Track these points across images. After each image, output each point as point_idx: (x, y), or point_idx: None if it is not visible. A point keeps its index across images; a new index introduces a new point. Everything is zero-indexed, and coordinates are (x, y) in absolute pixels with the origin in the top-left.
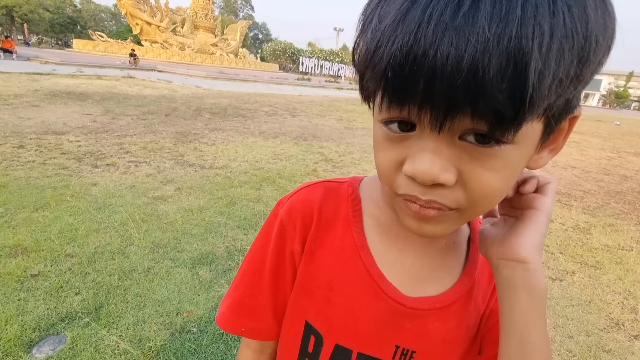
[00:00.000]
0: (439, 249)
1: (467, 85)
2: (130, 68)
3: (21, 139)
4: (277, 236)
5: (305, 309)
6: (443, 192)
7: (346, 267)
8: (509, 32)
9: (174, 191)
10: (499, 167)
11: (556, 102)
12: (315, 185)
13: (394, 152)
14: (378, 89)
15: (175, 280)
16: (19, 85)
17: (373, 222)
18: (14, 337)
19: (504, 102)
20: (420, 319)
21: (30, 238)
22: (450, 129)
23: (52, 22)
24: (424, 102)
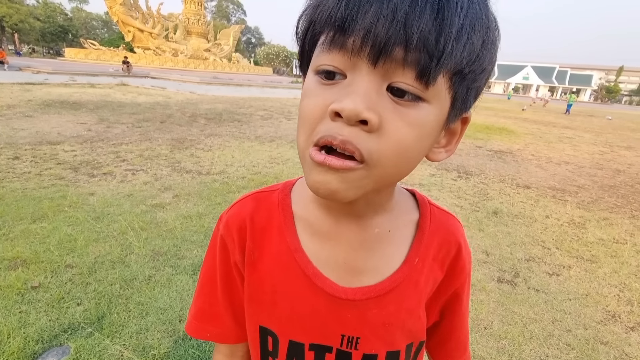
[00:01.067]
0: (372, 240)
1: (405, 22)
2: (123, 75)
3: (16, 150)
4: (220, 250)
5: (256, 315)
6: (361, 135)
7: (284, 270)
8: (437, 3)
9: (172, 198)
10: (415, 124)
11: (462, 79)
12: (247, 197)
13: (323, 97)
14: (324, 32)
15: (177, 288)
16: (11, 95)
17: (304, 224)
18: (17, 350)
19: (431, 45)
20: (358, 308)
21: (29, 250)
22: (383, 69)
23: (43, 31)
24: (366, 36)
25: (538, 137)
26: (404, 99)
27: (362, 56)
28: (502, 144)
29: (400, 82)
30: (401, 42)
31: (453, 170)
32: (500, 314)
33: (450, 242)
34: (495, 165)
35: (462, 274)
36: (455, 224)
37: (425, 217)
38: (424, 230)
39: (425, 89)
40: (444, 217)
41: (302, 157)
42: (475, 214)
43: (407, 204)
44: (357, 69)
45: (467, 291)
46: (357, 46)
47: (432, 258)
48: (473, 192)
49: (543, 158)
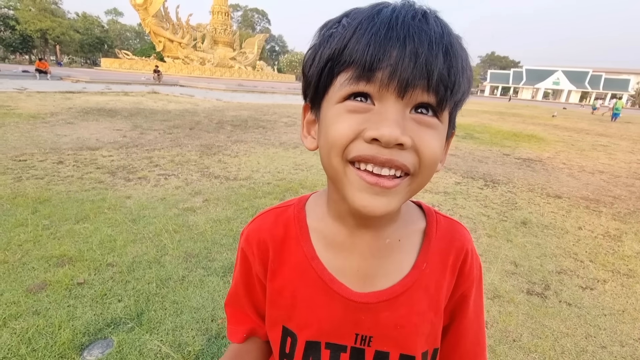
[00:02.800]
0: (384, 249)
1: (426, 62)
2: (154, 84)
3: (60, 155)
4: (242, 262)
5: (280, 318)
6: (402, 153)
7: (303, 277)
8: (447, 36)
9: (202, 202)
10: (437, 137)
11: (455, 105)
12: (265, 213)
13: (355, 121)
14: (347, 69)
15: (209, 288)
16: (54, 103)
17: (319, 236)
18: (67, 341)
19: (446, 79)
20: (371, 310)
21: (74, 248)
22: (410, 99)
23: (81, 43)
24: (393, 73)
25: (570, 144)
26: (428, 116)
27: (390, 89)
28: (531, 152)
29: (424, 104)
30: (424, 78)
31: (479, 179)
32: (530, 327)
33: (458, 248)
34: (523, 174)
35: (469, 278)
36: (462, 231)
37: (432, 225)
38: (431, 238)
39: (441, 113)
40: (450, 225)
41: (339, 178)
42: (503, 224)
43: (414, 214)
44: (384, 99)
45: (477, 297)
46: (385, 80)
47: (442, 264)
48: (500, 201)
49: (575, 167)
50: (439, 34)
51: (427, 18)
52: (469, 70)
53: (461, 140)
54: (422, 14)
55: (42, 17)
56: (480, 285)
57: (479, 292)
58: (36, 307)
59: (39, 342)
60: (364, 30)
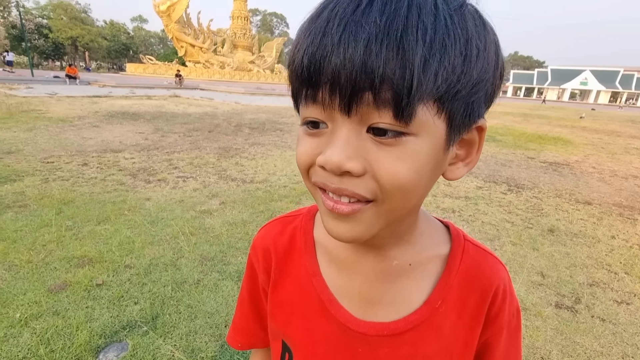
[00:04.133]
0: (390, 272)
1: (365, 68)
2: (176, 88)
3: (85, 157)
4: (248, 270)
5: (277, 331)
6: (354, 181)
7: (302, 292)
8: (396, 24)
9: (218, 205)
10: (405, 157)
11: (451, 98)
12: (273, 222)
13: (309, 146)
14: (300, 88)
15: (223, 293)
16: (81, 107)
17: (323, 250)
18: (84, 343)
19: (398, 84)
20: (369, 343)
21: (95, 249)
22: (358, 116)
23: (108, 49)
24: (332, 89)
25: (600, 147)
26: (387, 137)
27: (334, 107)
28: (558, 155)
29: (379, 123)
30: (367, 88)
31: (502, 183)
32: (560, 344)
33: (485, 285)
34: (550, 179)
35: (495, 323)
36: (495, 265)
37: (456, 253)
38: (452, 269)
39: (406, 124)
40: (481, 256)
41: (313, 197)
42: (529, 231)
43: (436, 236)
44: (333, 119)
45: (509, 350)
46: (326, 99)
47: (462, 303)
48: (525, 207)
49: (606, 171)
50: (383, 24)
51: (373, 3)
52: (460, 48)
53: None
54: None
55: (72, 25)
56: (516, 333)
57: (512, 341)
58: (56, 308)
59: (57, 343)
60: (304, 37)
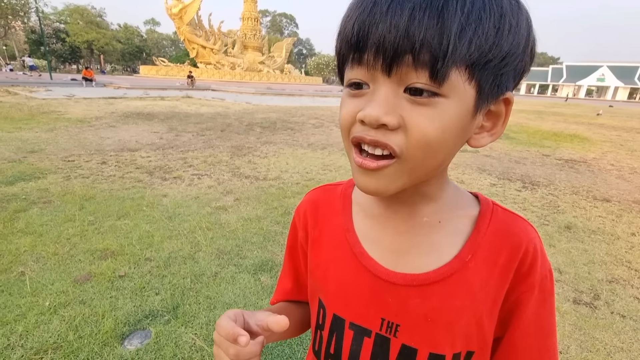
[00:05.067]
0: (420, 227)
1: (407, 33)
2: (188, 89)
3: (103, 156)
4: (292, 229)
5: (315, 288)
6: (387, 133)
7: (336, 248)
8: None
9: (233, 201)
10: (434, 117)
11: (482, 67)
12: (318, 188)
13: (352, 106)
14: (348, 52)
15: (240, 285)
16: (98, 108)
17: (359, 208)
18: (110, 330)
19: (435, 48)
20: (399, 293)
21: (116, 243)
22: (397, 76)
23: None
24: (377, 51)
25: (618, 144)
26: (422, 97)
27: (377, 68)
28: (574, 152)
29: (416, 83)
30: (407, 51)
31: (517, 180)
32: (578, 339)
33: (515, 243)
34: (566, 176)
35: (526, 281)
36: (525, 227)
37: (485, 214)
38: (481, 227)
39: (439, 86)
40: (511, 218)
41: (349, 158)
42: (545, 228)
43: (464, 199)
44: (375, 80)
45: (541, 308)
46: (371, 60)
47: (491, 260)
48: (541, 204)
49: (625, 168)
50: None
51: None
52: (493, 22)
53: (496, 141)
54: None
55: (88, 29)
56: (549, 296)
57: (546, 304)
58: (82, 297)
59: (85, 330)
60: (355, 8)
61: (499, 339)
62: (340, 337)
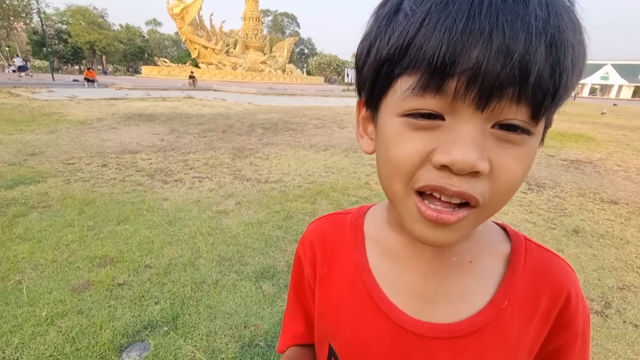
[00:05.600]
0: (448, 269)
1: (521, 63)
2: (189, 89)
3: (104, 159)
4: (295, 263)
5: (325, 333)
6: (472, 182)
7: (350, 289)
8: (555, 21)
9: (234, 205)
10: (523, 158)
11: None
12: (324, 217)
13: (420, 142)
14: (416, 76)
15: (241, 294)
16: (99, 110)
17: (374, 244)
18: (108, 342)
19: (547, 84)
20: (427, 347)
21: (115, 249)
22: (492, 112)
23: (125, 53)
24: (472, 80)
25: (624, 144)
26: (516, 134)
27: (466, 102)
28: (580, 153)
29: (513, 120)
30: (515, 84)
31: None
32: (591, 350)
33: (556, 287)
34: (572, 177)
35: (570, 330)
36: (564, 267)
37: (519, 252)
38: (516, 268)
39: (535, 125)
40: (547, 257)
41: (399, 203)
42: (552, 232)
43: (494, 235)
44: (458, 113)
45: (580, 354)
46: (460, 91)
47: (531, 305)
48: (547, 206)
49: (632, 169)
50: (542, 19)
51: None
52: (583, 57)
53: None
54: None
55: (90, 30)
56: (587, 341)
57: (586, 349)
58: (80, 307)
59: (82, 342)
60: (435, 21)
61: None
62: None
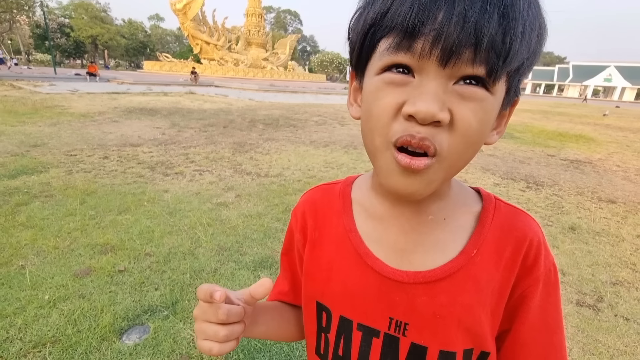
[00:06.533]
0: (425, 225)
1: (476, 26)
2: (191, 85)
3: (105, 151)
4: (288, 232)
5: (313, 292)
6: (434, 132)
7: (339, 249)
8: (504, 4)
9: (234, 198)
10: (479, 111)
11: (518, 72)
12: (315, 188)
13: (393, 97)
14: (392, 35)
15: (240, 282)
16: (101, 103)
17: (360, 208)
18: (108, 325)
19: (499, 48)
20: (406, 292)
21: (116, 238)
22: (453, 68)
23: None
24: (436, 40)
25: (624, 145)
26: (471, 87)
27: (431, 58)
28: (579, 153)
29: (470, 75)
30: (471, 45)
31: (520, 180)
32: (581, 341)
33: (519, 237)
34: (571, 176)
35: (531, 274)
36: (528, 221)
37: (488, 210)
38: (485, 222)
39: (493, 84)
40: (513, 213)
41: (377, 158)
42: (549, 229)
43: (467, 195)
44: (425, 70)
45: (546, 302)
46: (426, 49)
47: (497, 254)
48: (545, 204)
49: (632, 169)
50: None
51: None
52: (537, 31)
53: (500, 140)
54: None
55: (93, 24)
56: (554, 290)
57: (550, 298)
58: (82, 291)
59: (83, 324)
60: None
61: (506, 333)
62: (349, 339)
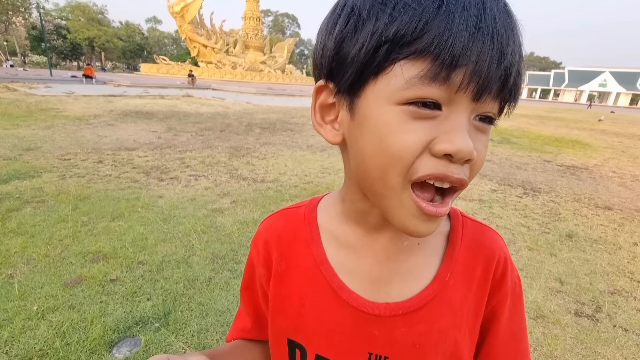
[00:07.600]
0: (401, 252)
1: (512, 62)
2: (188, 87)
3: (100, 155)
4: (247, 264)
5: (283, 328)
6: (465, 169)
7: (310, 283)
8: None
9: (229, 204)
10: (486, 145)
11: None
12: (275, 214)
13: (422, 132)
14: (417, 62)
15: (234, 292)
16: (97, 106)
17: (330, 237)
18: (98, 337)
19: (517, 85)
20: (385, 325)
21: (109, 245)
22: (480, 104)
23: (124, 50)
24: (473, 74)
25: (620, 151)
26: (486, 124)
27: (467, 92)
28: (576, 159)
29: (490, 113)
30: (499, 81)
31: (517, 186)
32: (580, 353)
33: (487, 255)
34: (567, 182)
35: (500, 290)
36: (493, 237)
37: (457, 229)
38: (455, 244)
39: (498, 118)
40: (479, 230)
41: (388, 198)
42: (546, 236)
43: None
44: (455, 103)
45: (514, 315)
46: (464, 82)
47: (468, 274)
48: (542, 211)
49: (628, 175)
50: (518, 30)
51: (508, 9)
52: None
53: (497, 145)
54: (503, 2)
55: (90, 26)
56: (519, 301)
57: (516, 309)
58: (72, 302)
59: (72, 337)
60: (453, 11)
61: (479, 346)
62: None
